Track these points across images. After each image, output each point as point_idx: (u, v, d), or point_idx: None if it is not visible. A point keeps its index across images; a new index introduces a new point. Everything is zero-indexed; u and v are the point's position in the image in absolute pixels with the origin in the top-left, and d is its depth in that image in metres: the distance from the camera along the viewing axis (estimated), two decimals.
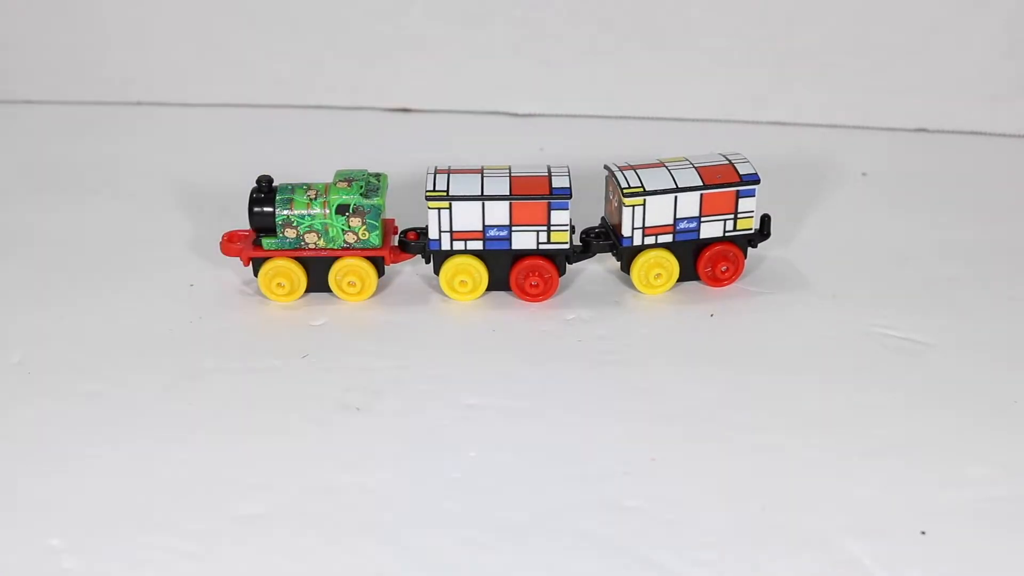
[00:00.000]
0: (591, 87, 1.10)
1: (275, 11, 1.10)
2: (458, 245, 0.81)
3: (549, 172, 0.81)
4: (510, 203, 0.79)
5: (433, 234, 0.80)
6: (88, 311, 0.81)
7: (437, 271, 0.82)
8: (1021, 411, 0.72)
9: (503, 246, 0.81)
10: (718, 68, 1.08)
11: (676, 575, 0.60)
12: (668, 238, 0.81)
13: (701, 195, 0.80)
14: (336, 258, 0.80)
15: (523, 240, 0.80)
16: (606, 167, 0.83)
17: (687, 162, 0.83)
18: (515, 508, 0.64)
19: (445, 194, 0.79)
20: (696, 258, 0.82)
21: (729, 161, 0.83)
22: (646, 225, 0.81)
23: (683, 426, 0.70)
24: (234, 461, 0.67)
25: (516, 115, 1.11)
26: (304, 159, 1.01)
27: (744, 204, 0.81)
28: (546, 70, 1.09)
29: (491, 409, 0.72)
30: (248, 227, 0.81)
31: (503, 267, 0.82)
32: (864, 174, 1.01)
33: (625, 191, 0.80)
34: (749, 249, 0.83)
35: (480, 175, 0.81)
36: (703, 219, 0.81)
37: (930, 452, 0.68)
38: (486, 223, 0.80)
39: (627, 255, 0.82)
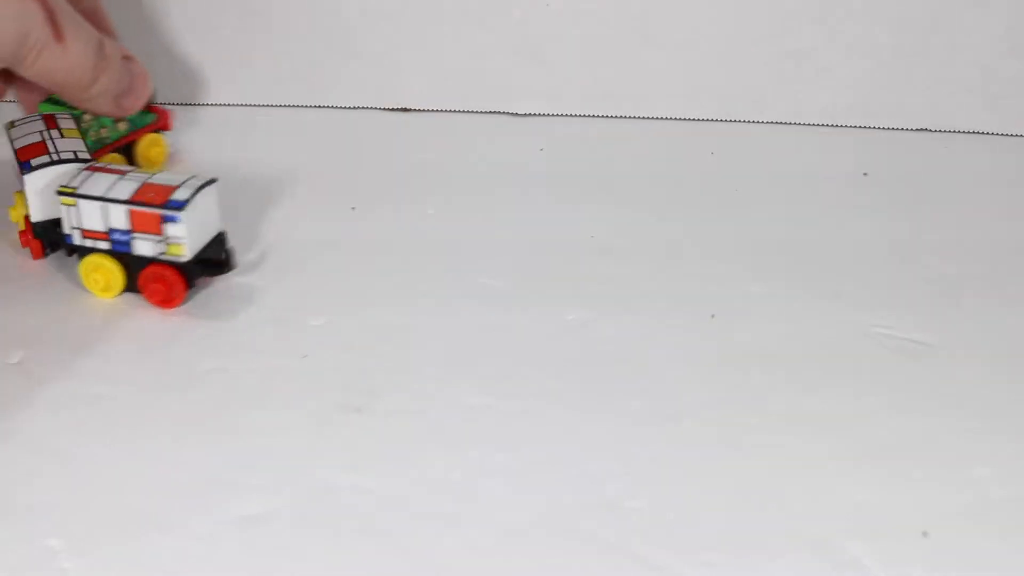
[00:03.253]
0: (591, 87, 1.09)
1: (275, 11, 1.10)
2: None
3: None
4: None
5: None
6: (88, 311, 0.81)
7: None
8: (1021, 412, 0.72)
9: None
10: (718, 68, 1.08)
11: (676, 575, 0.60)
12: (105, 245, 0.81)
13: (129, 210, 0.79)
14: None
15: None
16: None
17: (146, 174, 0.81)
18: (515, 508, 0.64)
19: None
20: (139, 274, 0.81)
21: (179, 184, 0.80)
22: (83, 227, 0.80)
23: (683, 426, 0.70)
24: (234, 461, 0.67)
25: (516, 115, 1.11)
26: (305, 159, 1.01)
27: (171, 229, 0.78)
28: (546, 70, 1.09)
29: (491, 409, 0.72)
30: None
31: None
32: (864, 174, 1.01)
33: (59, 189, 0.80)
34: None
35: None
36: (136, 235, 0.79)
37: (931, 453, 0.68)
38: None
39: (79, 253, 0.82)
